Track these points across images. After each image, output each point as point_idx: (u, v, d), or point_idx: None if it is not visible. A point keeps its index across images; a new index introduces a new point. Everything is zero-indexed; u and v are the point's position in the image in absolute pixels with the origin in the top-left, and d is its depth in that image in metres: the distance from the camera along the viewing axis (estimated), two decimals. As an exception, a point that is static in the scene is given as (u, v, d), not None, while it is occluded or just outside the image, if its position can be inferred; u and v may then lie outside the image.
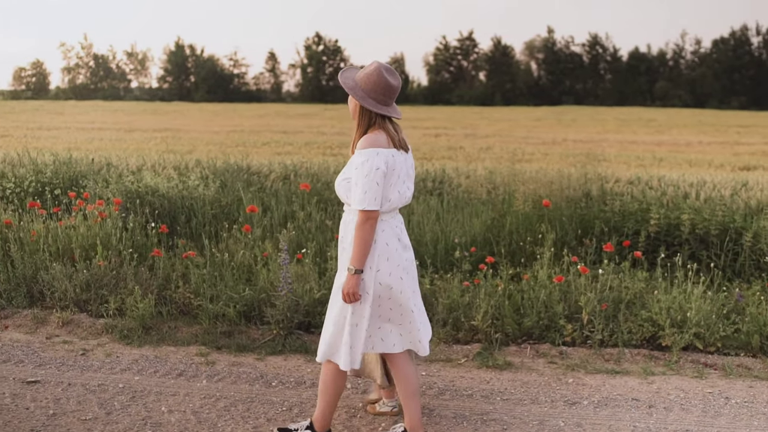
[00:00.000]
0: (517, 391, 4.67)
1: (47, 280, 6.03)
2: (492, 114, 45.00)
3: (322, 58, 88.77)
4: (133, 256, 6.20)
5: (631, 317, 5.48)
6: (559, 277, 5.55)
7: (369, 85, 3.48)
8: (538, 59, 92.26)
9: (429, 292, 5.81)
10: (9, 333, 5.54)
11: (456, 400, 4.50)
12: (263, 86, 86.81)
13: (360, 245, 3.49)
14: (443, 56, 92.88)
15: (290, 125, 30.29)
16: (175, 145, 18.57)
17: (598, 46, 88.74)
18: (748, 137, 26.27)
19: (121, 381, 4.64)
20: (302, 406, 4.34)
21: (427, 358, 5.20)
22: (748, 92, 75.82)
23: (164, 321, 5.65)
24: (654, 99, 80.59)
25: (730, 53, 79.18)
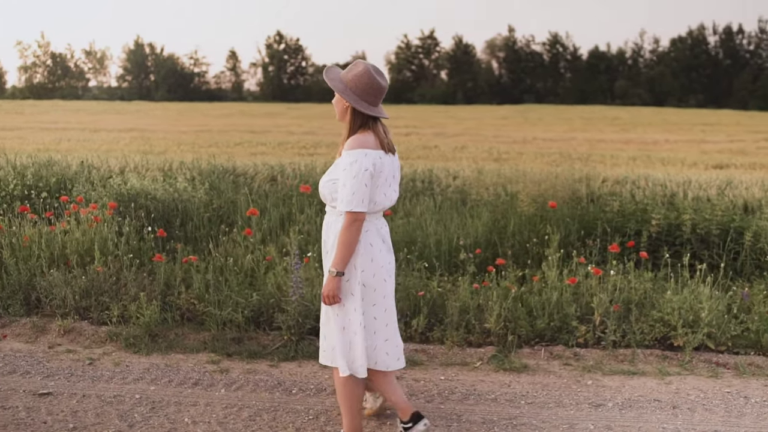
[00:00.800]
0: (540, 394, 4.64)
1: (44, 287, 5.84)
2: (457, 113, 45.15)
3: (283, 57, 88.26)
4: (134, 261, 6.04)
5: (642, 318, 5.49)
6: (573, 278, 5.54)
7: (359, 87, 3.44)
8: (499, 58, 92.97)
9: (438, 295, 5.76)
10: (9, 342, 5.36)
11: (481, 404, 4.46)
12: (224, 85, 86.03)
13: (344, 248, 3.44)
14: (405, 55, 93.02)
15: (257, 125, 30.01)
16: (146, 145, 18.26)
17: (558, 45, 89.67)
18: (713, 135, 26.74)
19: (136, 391, 4.50)
20: (328, 414, 4.26)
21: (443, 361, 5.16)
22: (705, 90, 77.31)
23: (170, 328, 5.51)
24: (614, 97, 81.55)
25: (688, 52, 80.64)
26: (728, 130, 29.68)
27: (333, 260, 3.46)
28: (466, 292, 5.60)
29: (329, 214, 3.65)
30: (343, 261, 3.45)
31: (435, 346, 5.37)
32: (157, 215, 7.12)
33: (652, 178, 9.78)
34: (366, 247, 3.55)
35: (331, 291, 3.47)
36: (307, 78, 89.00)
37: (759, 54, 79.69)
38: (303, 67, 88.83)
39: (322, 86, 73.12)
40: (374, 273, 3.56)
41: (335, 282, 3.46)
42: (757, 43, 79.88)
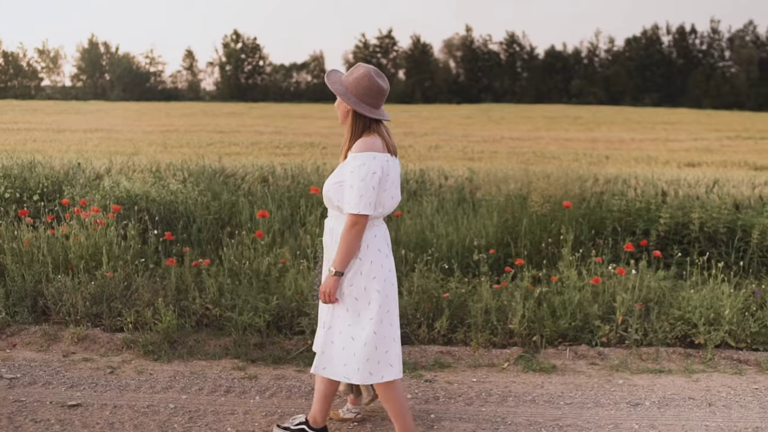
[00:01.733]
0: (576, 394, 4.63)
1: (53, 294, 5.65)
2: (419, 112, 45.21)
3: (240, 56, 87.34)
4: (147, 265, 5.88)
5: (662, 316, 5.52)
6: (596, 278, 5.54)
7: (360, 90, 3.43)
8: (456, 57, 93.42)
9: (457, 296, 5.72)
10: (19, 351, 5.17)
11: (521, 406, 4.43)
12: (181, 84, 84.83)
13: (347, 249, 3.43)
14: (363, 54, 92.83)
15: (223, 125, 29.64)
16: (115, 146, 17.90)
17: (515, 44, 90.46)
18: (676, 134, 27.23)
19: (169, 401, 4.37)
20: (373, 420, 4.18)
21: (470, 363, 5.12)
22: (660, 89, 78.75)
23: (188, 334, 5.37)
24: (570, 96, 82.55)
25: (642, 51, 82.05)
26: (689, 129, 30.26)
27: (334, 260, 3.46)
28: (487, 293, 5.56)
29: (332, 218, 3.63)
30: (343, 262, 3.45)
31: (459, 348, 5.34)
32: (158, 218, 6.93)
33: (640, 177, 9.86)
34: (376, 254, 3.54)
35: (331, 289, 3.46)
36: (264, 77, 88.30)
37: (711, 54, 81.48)
38: (260, 67, 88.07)
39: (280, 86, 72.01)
40: (385, 278, 3.56)
41: (335, 282, 3.46)
42: (710, 43, 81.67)
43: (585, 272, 5.84)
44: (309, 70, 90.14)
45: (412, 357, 5.17)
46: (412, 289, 5.64)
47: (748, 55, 77.19)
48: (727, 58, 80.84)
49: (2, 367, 4.85)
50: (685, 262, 6.44)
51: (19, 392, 4.45)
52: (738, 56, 78.37)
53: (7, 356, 5.06)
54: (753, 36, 79.88)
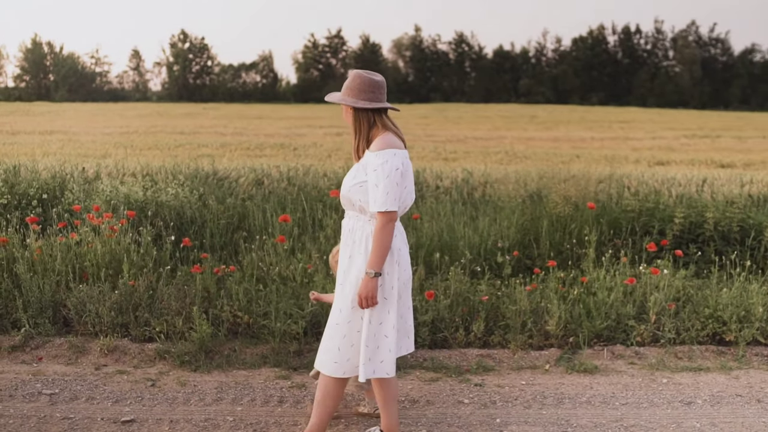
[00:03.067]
0: (627, 394, 4.66)
1: (75, 304, 5.44)
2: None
3: (188, 56, 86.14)
4: (172, 272, 5.71)
5: (693, 315, 5.58)
6: (631, 279, 5.58)
7: (354, 89, 3.49)
8: (405, 57, 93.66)
9: (491, 298, 5.70)
10: (47, 365, 4.96)
11: (579, 408, 4.43)
12: (127, 85, 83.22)
13: (381, 247, 3.41)
14: (312, 54, 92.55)
15: (181, 126, 29.10)
16: (80, 148, 17.38)
17: (464, 44, 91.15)
18: (633, 133, 27.76)
19: (225, 413, 4.24)
20: (440, 426, 4.12)
21: (512, 366, 5.11)
22: (606, 88, 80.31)
23: (221, 343, 5.23)
24: (518, 95, 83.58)
25: (589, 51, 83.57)
26: (645, 128, 30.87)
27: (369, 261, 3.42)
28: (522, 295, 5.55)
29: (351, 219, 3.60)
30: (379, 261, 3.42)
31: (497, 351, 5.32)
32: (173, 224, 6.74)
33: (633, 177, 10.00)
34: (397, 252, 3.54)
35: (370, 292, 3.41)
36: (213, 77, 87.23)
37: (656, 53, 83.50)
38: (209, 67, 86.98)
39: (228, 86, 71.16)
40: (398, 277, 3.55)
41: (373, 283, 3.41)
42: (654, 42, 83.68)
43: (613, 272, 5.87)
44: (258, 70, 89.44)
45: (452, 360, 5.14)
46: (448, 292, 5.59)
47: (691, 54, 79.31)
48: (671, 57, 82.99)
49: (35, 382, 4.65)
50: (700, 261, 6.53)
51: (64, 409, 4.26)
52: (681, 56, 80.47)
53: (37, 370, 4.85)
54: (695, 36, 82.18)
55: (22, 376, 4.76)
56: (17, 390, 4.51)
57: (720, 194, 9.23)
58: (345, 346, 3.55)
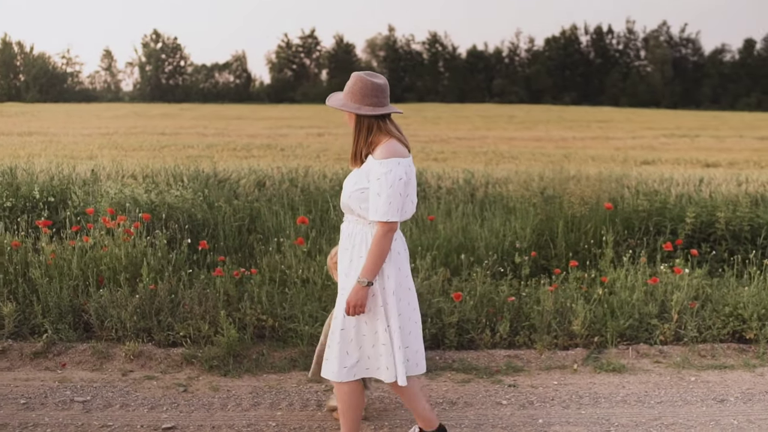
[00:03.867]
0: (660, 393, 4.69)
1: (95, 309, 5.35)
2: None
3: (161, 56, 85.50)
4: (193, 277, 5.64)
5: (714, 313, 5.64)
6: (654, 278, 5.62)
7: (357, 94, 3.39)
8: (379, 57, 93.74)
9: (513, 298, 5.71)
10: (72, 371, 4.88)
11: (616, 407, 4.46)
12: (99, 85, 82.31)
13: (377, 258, 3.35)
14: (286, 54, 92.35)
15: (161, 126, 28.86)
16: (64, 149, 17.17)
17: (437, 44, 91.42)
18: (613, 132, 28.02)
19: (267, 419, 4.20)
20: (483, 427, 4.12)
21: (541, 366, 5.12)
22: (578, 88, 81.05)
23: (247, 346, 5.17)
24: (492, 95, 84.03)
25: (561, 51, 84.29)
26: (623, 127, 31.19)
27: (363, 270, 3.36)
28: (545, 296, 5.57)
29: (351, 223, 3.54)
30: (373, 271, 3.36)
31: (524, 351, 5.33)
32: (188, 227, 6.67)
33: (632, 177, 10.08)
34: (395, 257, 3.49)
35: (360, 300, 3.35)
36: (186, 78, 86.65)
37: (627, 53, 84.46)
38: (181, 67, 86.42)
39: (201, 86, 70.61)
40: (400, 282, 3.50)
41: (364, 292, 3.36)
42: (626, 42, 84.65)
43: (633, 272, 5.91)
44: (231, 71, 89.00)
45: (481, 362, 5.14)
46: (473, 294, 5.59)
47: (663, 54, 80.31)
48: (642, 57, 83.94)
49: (64, 389, 4.57)
50: (711, 260, 6.59)
51: (101, 416, 4.19)
52: (653, 56, 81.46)
53: (62, 377, 4.77)
54: (667, 36, 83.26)
55: (48, 383, 4.68)
56: (47, 397, 4.43)
57: (718, 194, 9.33)
58: (353, 349, 3.51)
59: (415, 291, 3.69)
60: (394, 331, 3.44)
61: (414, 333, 3.61)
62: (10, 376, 4.79)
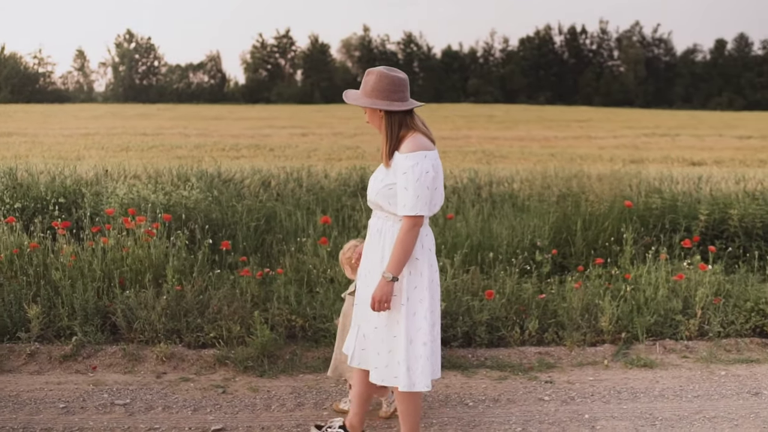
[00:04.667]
0: (695, 387, 4.76)
1: (123, 311, 5.29)
2: (335, 112, 45.02)
3: (134, 56, 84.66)
4: (216, 278, 5.60)
5: (735, 308, 5.72)
6: (680, 275, 5.69)
7: (383, 91, 3.37)
8: (354, 57, 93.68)
9: (536, 295, 5.75)
10: (103, 374, 4.82)
11: (656, 401, 4.51)
12: (72, 86, 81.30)
13: (404, 252, 3.35)
14: (260, 54, 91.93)
15: (141, 126, 28.58)
16: (49, 150, 16.98)
17: (412, 44, 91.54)
18: (594, 131, 28.28)
19: (316, 418, 4.18)
20: (531, 423, 4.14)
21: (572, 362, 5.17)
22: (553, 88, 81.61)
23: (279, 347, 5.14)
24: (467, 95, 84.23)
25: (536, 51, 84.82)
26: (603, 127, 31.49)
27: (389, 265, 3.35)
28: (572, 293, 5.61)
29: (380, 220, 3.53)
30: (399, 266, 3.35)
31: (553, 348, 5.37)
32: (207, 226, 6.62)
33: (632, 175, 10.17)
34: (427, 253, 3.50)
35: (386, 296, 3.35)
36: (159, 78, 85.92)
37: (601, 53, 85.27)
38: (155, 67, 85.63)
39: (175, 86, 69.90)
40: (433, 279, 3.52)
41: (390, 287, 3.36)
42: (599, 43, 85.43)
43: (655, 269, 5.97)
44: (206, 71, 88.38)
45: (513, 359, 5.17)
46: (502, 291, 5.61)
47: (635, 54, 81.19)
48: (615, 57, 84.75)
49: (100, 392, 4.52)
50: (725, 256, 6.68)
51: (146, 419, 4.15)
52: (626, 56, 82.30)
53: (95, 380, 4.71)
54: (639, 36, 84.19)
55: (82, 386, 4.62)
56: (85, 401, 4.37)
57: (718, 191, 9.46)
58: (383, 351, 3.50)
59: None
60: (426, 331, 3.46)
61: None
62: (41, 379, 4.73)
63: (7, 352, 5.02)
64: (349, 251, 4.16)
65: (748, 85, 76.77)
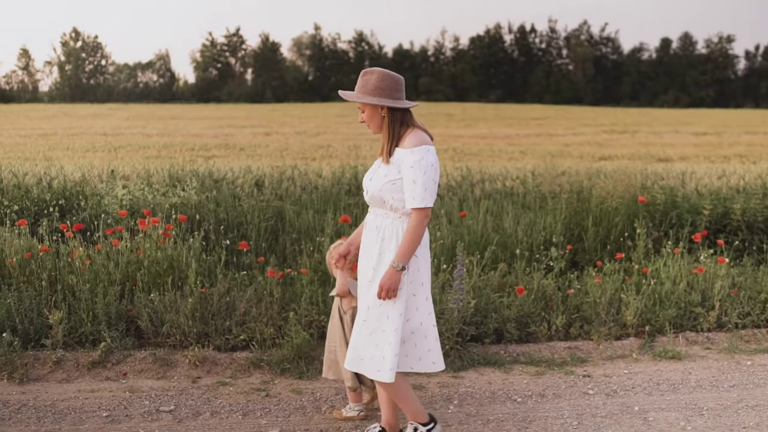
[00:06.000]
0: (727, 377, 4.87)
1: (149, 314, 5.17)
2: (289, 111, 44.93)
3: (81, 54, 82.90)
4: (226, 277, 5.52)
5: (750, 300, 5.86)
6: (700, 268, 5.80)
7: (386, 90, 3.46)
8: (305, 56, 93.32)
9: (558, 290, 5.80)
10: (135, 380, 4.70)
11: (695, 392, 4.60)
12: (16, 85, 79.15)
13: (413, 242, 3.42)
14: (210, 53, 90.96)
15: (99, 127, 27.96)
16: (11, 152, 16.48)
17: (363, 43, 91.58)
18: (554, 129, 28.69)
19: (374, 419, 4.15)
20: (585, 416, 4.17)
21: (601, 356, 5.23)
22: (503, 86, 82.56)
23: (313, 348, 5.09)
24: (419, 94, 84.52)
25: (486, 50, 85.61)
26: (561, 124, 31.95)
27: (398, 254, 3.42)
28: (594, 288, 5.68)
29: (380, 216, 3.57)
30: (408, 255, 3.43)
31: (580, 342, 5.43)
32: (222, 227, 6.51)
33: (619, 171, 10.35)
34: (424, 247, 3.58)
35: (394, 284, 3.41)
36: (107, 77, 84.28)
37: (550, 52, 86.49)
38: (103, 66, 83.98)
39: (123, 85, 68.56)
40: (426, 271, 3.61)
41: (398, 276, 3.42)
42: (548, 41, 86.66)
43: (672, 263, 6.08)
44: (155, 70, 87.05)
45: (544, 354, 5.22)
46: (531, 287, 5.65)
47: (584, 53, 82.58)
48: (564, 56, 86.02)
49: (141, 399, 4.41)
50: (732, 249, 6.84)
51: (196, 425, 4.07)
52: (575, 54, 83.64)
53: (130, 387, 4.59)
54: (587, 35, 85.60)
55: (118, 393, 4.50)
56: (127, 408, 4.26)
57: (702, 186, 9.70)
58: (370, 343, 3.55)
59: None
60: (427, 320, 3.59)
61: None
62: (72, 387, 4.59)
63: (31, 360, 4.85)
64: (335, 251, 4.13)
65: (693, 82, 78.90)
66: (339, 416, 4.17)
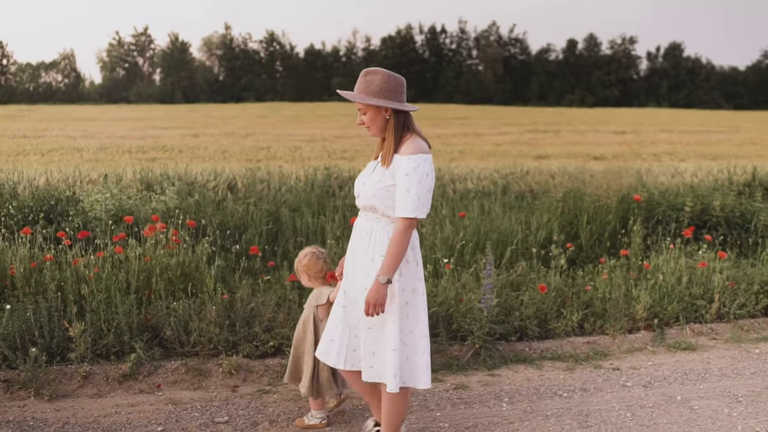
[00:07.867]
0: (745, 365, 5.14)
1: (173, 323, 5.03)
2: (208, 111, 44.05)
3: (-22, 53, 79.02)
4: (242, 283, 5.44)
5: (745, 292, 6.17)
6: (703, 263, 6.07)
7: (392, 92, 3.34)
8: (216, 56, 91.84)
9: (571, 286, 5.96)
10: (173, 392, 4.58)
11: (724, 380, 4.83)
12: None
13: (398, 254, 3.31)
14: (117, 53, 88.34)
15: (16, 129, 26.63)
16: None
17: (275, 43, 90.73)
18: (479, 129, 29.26)
19: (438, 420, 4.18)
20: (633, 408, 4.32)
21: (620, 349, 5.43)
22: (415, 86, 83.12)
23: (344, 351, 5.06)
24: (331, 94, 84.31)
25: (398, 50, 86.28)
26: (484, 124, 32.56)
27: (383, 268, 3.30)
28: (603, 284, 5.87)
29: (370, 221, 3.48)
30: (393, 268, 3.31)
31: (596, 337, 5.60)
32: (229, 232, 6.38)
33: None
34: (416, 255, 3.54)
35: (381, 299, 3.31)
36: (8, 77, 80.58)
37: (460, 52, 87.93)
38: (4, 66, 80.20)
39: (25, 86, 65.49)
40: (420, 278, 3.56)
41: (385, 290, 3.31)
42: (458, 42, 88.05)
43: (672, 259, 6.34)
44: (59, 69, 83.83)
45: (566, 349, 5.37)
46: (548, 285, 5.79)
47: (493, 53, 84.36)
48: (474, 56, 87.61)
49: (190, 410, 4.29)
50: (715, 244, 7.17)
51: (260, 433, 4.00)
52: (484, 55, 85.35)
53: (169, 398, 4.46)
54: (497, 36, 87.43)
55: (161, 406, 4.36)
56: (180, 422, 4.14)
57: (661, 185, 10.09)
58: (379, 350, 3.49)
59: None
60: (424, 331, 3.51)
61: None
62: (108, 402, 4.42)
63: (57, 376, 4.65)
64: (305, 258, 4.10)
65: (598, 82, 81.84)
66: (301, 424, 4.08)
